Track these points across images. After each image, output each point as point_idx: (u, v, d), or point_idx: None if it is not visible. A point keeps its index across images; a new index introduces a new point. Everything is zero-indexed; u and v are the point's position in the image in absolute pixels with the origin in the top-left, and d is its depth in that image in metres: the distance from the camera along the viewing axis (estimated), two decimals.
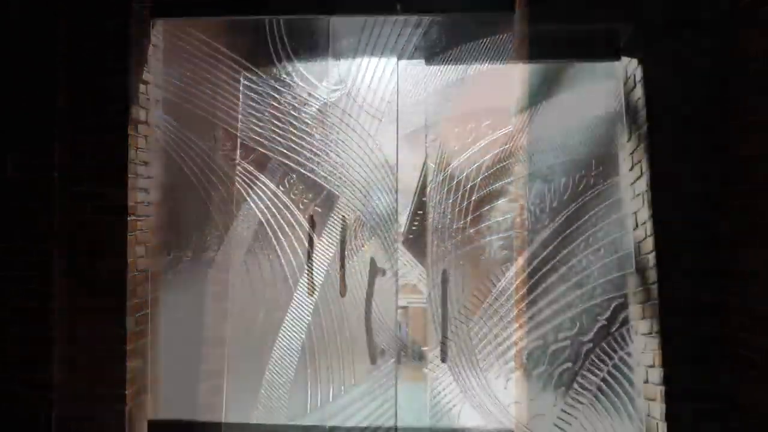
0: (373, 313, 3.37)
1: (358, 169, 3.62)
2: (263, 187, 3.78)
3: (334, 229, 3.65)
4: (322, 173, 3.69)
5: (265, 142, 3.82)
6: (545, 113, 3.65)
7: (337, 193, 3.66)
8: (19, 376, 3.22)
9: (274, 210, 3.75)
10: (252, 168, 3.83)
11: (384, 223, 3.53)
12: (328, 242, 3.64)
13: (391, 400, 3.43)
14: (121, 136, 3.42)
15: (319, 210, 3.68)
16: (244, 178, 3.83)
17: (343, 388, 3.49)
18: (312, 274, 3.55)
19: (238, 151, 3.86)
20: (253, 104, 3.90)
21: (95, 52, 3.46)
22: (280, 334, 3.61)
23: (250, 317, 3.67)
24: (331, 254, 3.63)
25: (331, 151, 3.70)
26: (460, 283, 3.53)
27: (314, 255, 3.64)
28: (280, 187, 3.77)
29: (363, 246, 3.57)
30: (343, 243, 3.43)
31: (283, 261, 3.69)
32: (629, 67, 3.58)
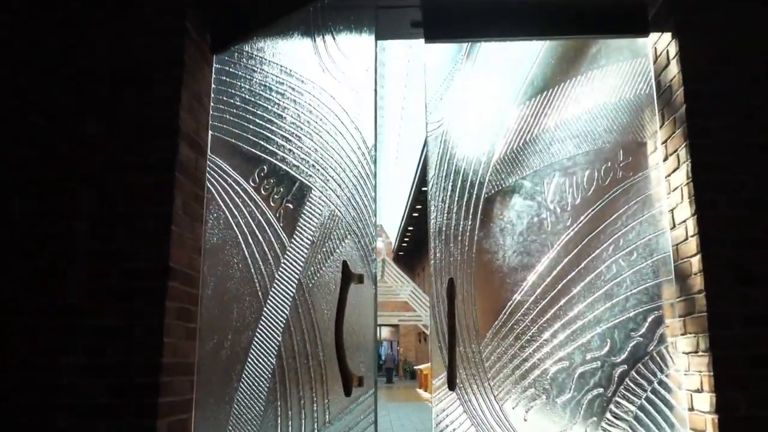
0: (346, 331, 2.78)
1: (332, 153, 3.07)
2: (233, 184, 3.21)
3: (307, 229, 3.08)
4: (293, 161, 3.14)
5: (235, 130, 3.26)
6: (564, 97, 3.14)
7: (308, 183, 3.10)
8: None
9: (243, 208, 3.18)
10: (220, 161, 3.26)
11: (360, 216, 2.97)
12: (300, 244, 3.07)
13: None
14: (165, 180, 2.93)
15: (291, 206, 3.12)
16: (213, 174, 3.26)
17: (316, 426, 2.89)
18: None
19: (209, 145, 3.31)
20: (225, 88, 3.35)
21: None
22: (249, 359, 3.02)
23: (220, 339, 3.07)
24: (303, 258, 3.05)
25: (303, 135, 3.15)
26: (470, 296, 2.98)
27: (285, 258, 3.07)
28: (251, 182, 3.20)
29: (337, 248, 3.01)
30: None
31: (252, 270, 3.11)
32: (660, 43, 3.10)
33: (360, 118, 3.03)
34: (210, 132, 3.34)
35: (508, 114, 3.17)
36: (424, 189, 30.40)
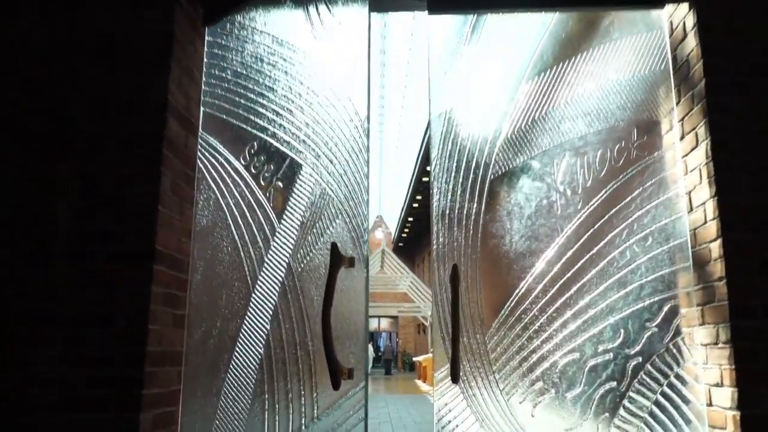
0: (335, 319, 2.60)
1: (324, 126, 2.89)
2: (224, 162, 3.03)
3: (297, 209, 2.91)
4: (283, 137, 2.96)
5: (226, 106, 3.08)
6: (575, 72, 2.96)
7: (299, 160, 2.92)
8: None
9: (233, 189, 3.00)
10: (211, 138, 3.09)
11: (352, 194, 2.79)
12: (290, 225, 2.89)
13: None
14: (151, 158, 2.74)
15: (281, 185, 2.94)
16: (204, 152, 3.08)
17: (303, 421, 2.72)
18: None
19: (200, 123, 3.13)
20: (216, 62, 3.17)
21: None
22: (237, 349, 2.85)
23: (208, 327, 2.90)
24: (292, 240, 2.88)
25: (295, 108, 2.96)
26: (475, 283, 2.80)
27: (274, 241, 2.89)
28: (241, 160, 3.02)
29: (328, 228, 2.83)
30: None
31: (241, 254, 2.94)
32: (676, 14, 2.92)
33: (353, 89, 2.85)
34: (202, 108, 3.16)
35: (515, 91, 2.99)
36: (425, 179, 30.23)
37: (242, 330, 2.85)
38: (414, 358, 38.16)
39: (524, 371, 2.74)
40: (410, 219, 39.86)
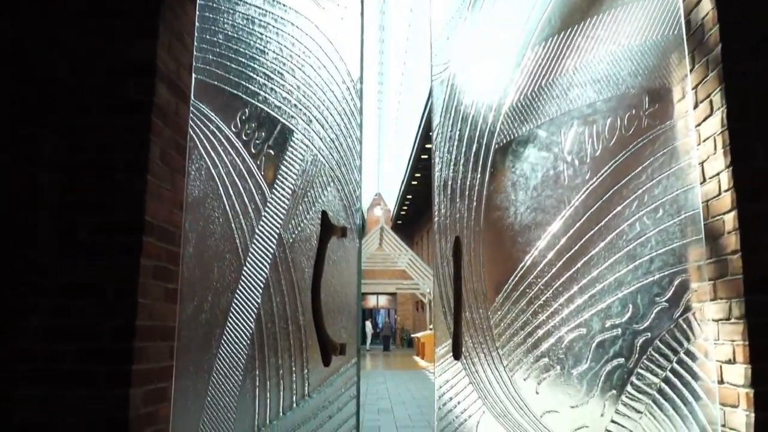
0: (327, 292, 2.50)
1: (316, 89, 2.77)
2: (215, 130, 2.91)
3: (288, 177, 2.80)
4: (275, 102, 2.83)
5: (218, 71, 2.95)
6: (584, 37, 2.83)
7: (290, 125, 2.80)
8: None
9: (224, 158, 2.88)
10: (203, 106, 2.96)
11: (344, 159, 2.67)
12: (281, 194, 2.78)
13: (352, 418, 2.59)
14: (139, 124, 2.61)
15: (272, 153, 2.83)
16: (196, 120, 2.96)
17: (294, 398, 2.62)
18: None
19: (192, 91, 3.01)
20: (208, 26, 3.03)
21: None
22: (228, 324, 2.75)
23: (199, 302, 2.80)
24: (284, 210, 2.77)
25: (286, 71, 2.84)
26: (478, 256, 2.70)
27: (265, 211, 2.78)
28: (232, 127, 2.90)
29: (320, 197, 2.71)
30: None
31: (233, 225, 2.83)
32: None
33: (345, 48, 2.73)
34: (193, 75, 3.03)
35: (521, 57, 2.86)
36: (423, 156, 30.08)
37: (233, 304, 2.75)
38: (412, 335, 38.27)
39: (529, 347, 2.65)
40: (409, 196, 39.78)
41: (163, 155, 2.73)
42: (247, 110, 2.90)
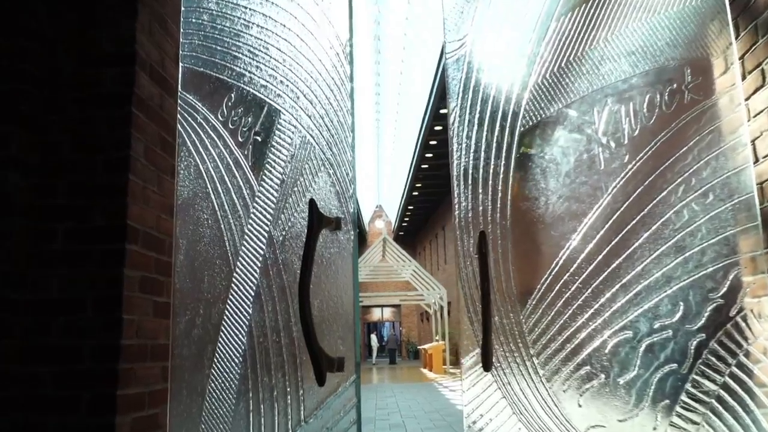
0: (319, 296, 2.16)
1: (302, 60, 2.47)
2: (202, 122, 2.61)
3: (276, 165, 2.49)
4: (260, 81, 2.54)
5: (203, 56, 2.66)
6: (615, 4, 2.53)
7: (277, 105, 2.50)
8: None
9: (212, 151, 2.58)
10: (190, 96, 2.66)
11: (335, 137, 2.37)
12: (269, 186, 2.48)
13: None
14: (119, 119, 2.30)
15: (259, 139, 2.52)
16: (183, 114, 2.66)
17: (289, 425, 2.30)
18: None
19: (179, 83, 2.72)
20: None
21: None
22: (220, 339, 2.43)
23: (191, 316, 2.48)
24: (273, 204, 2.46)
25: (271, 44, 2.54)
26: (506, 253, 2.39)
27: (254, 206, 2.47)
28: (219, 116, 2.61)
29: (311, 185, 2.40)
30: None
31: (222, 226, 2.52)
32: None
33: (332, 9, 2.43)
34: (181, 65, 2.74)
35: (546, 29, 2.56)
36: (423, 166, 29.81)
37: (225, 317, 2.44)
38: (419, 347, 37.88)
39: (568, 354, 2.33)
40: (410, 207, 39.45)
41: (147, 153, 2.43)
42: (233, 95, 2.61)
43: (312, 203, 2.19)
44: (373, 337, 42.23)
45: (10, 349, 2.16)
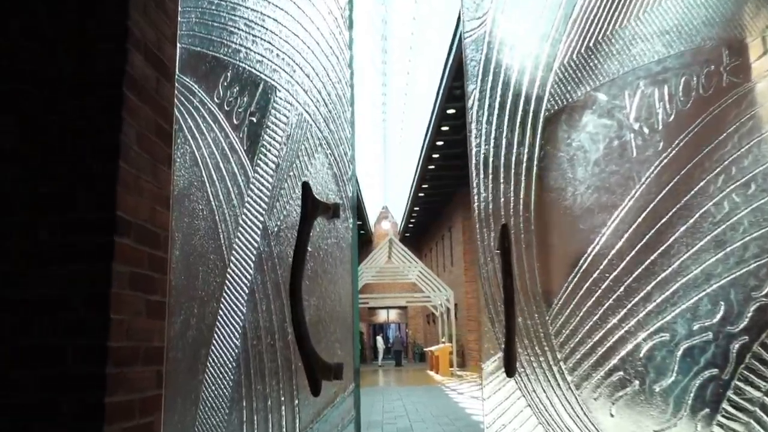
0: (314, 294, 1.95)
1: (299, 30, 2.28)
2: (198, 105, 2.42)
3: (271, 147, 2.28)
4: (256, 56, 2.35)
5: (200, 34, 2.48)
6: None
7: (273, 82, 2.31)
8: None
9: (207, 136, 2.39)
10: (187, 79, 2.48)
11: (333, 112, 2.17)
12: (264, 171, 2.28)
13: None
14: (109, 101, 2.11)
15: (254, 120, 2.33)
16: (180, 98, 2.48)
17: None
18: None
19: (177, 66, 2.54)
20: None
21: None
22: (214, 341, 2.23)
23: (186, 316, 2.29)
24: (267, 191, 2.26)
25: (267, 15, 2.35)
26: (530, 248, 2.19)
27: (248, 194, 2.27)
28: (215, 98, 2.42)
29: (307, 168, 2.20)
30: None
31: (216, 217, 2.33)
32: None
33: None
34: (179, 45, 2.55)
35: (573, 4, 2.36)
36: (430, 167, 29.59)
37: (219, 317, 2.24)
38: (425, 349, 37.67)
39: (598, 359, 2.14)
40: (416, 209, 39.22)
41: (141, 140, 2.25)
42: (228, 74, 2.42)
43: (306, 186, 1.97)
44: (379, 339, 42.02)
45: None
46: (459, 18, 2.36)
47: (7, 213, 2.07)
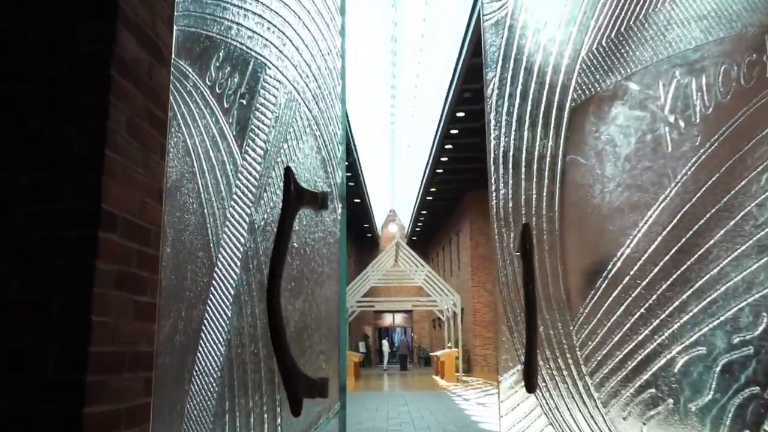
0: (296, 294, 1.74)
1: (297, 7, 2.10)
2: (192, 90, 2.24)
3: (259, 132, 2.09)
4: (247, 32, 2.17)
5: (195, 12, 2.30)
6: None
7: (263, 59, 2.13)
8: None
9: (199, 122, 2.21)
10: (181, 62, 2.30)
11: (322, 88, 1.98)
12: (252, 159, 2.09)
13: None
14: (97, 86, 1.94)
15: (244, 102, 2.14)
16: (174, 82, 2.30)
17: None
18: None
19: (172, 51, 2.36)
20: None
21: None
22: (199, 347, 2.04)
23: (175, 319, 2.11)
24: (255, 180, 2.07)
25: None
26: (554, 250, 2.00)
27: (236, 185, 2.09)
28: (207, 80, 2.23)
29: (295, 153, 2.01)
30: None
31: (205, 211, 2.14)
32: None
33: None
34: (175, 28, 2.38)
35: None
36: (438, 171, 29.40)
37: (204, 320, 2.05)
38: (430, 353, 37.46)
39: (628, 374, 1.94)
40: (423, 212, 39.03)
41: (131, 127, 2.07)
42: (220, 54, 2.23)
43: (288, 172, 1.74)
44: (385, 343, 41.83)
45: None
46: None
47: None
